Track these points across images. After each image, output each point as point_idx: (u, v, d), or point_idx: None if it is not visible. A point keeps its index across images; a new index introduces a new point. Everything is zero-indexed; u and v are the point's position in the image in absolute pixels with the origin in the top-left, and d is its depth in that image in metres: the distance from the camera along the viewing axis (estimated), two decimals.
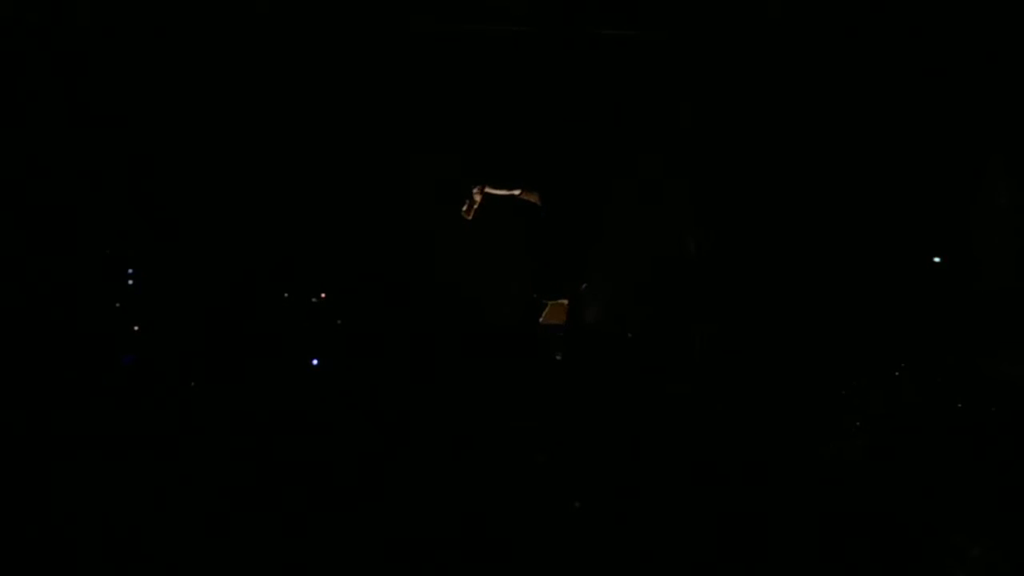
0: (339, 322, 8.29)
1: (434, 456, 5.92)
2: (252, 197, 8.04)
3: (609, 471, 5.74)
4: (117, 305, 7.91)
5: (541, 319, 7.93)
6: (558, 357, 7.79)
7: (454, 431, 6.55)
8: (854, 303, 8.03)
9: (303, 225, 8.22)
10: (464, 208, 7.73)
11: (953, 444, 6.14)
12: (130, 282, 8.00)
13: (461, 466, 5.75)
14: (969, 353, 7.53)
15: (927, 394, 7.08)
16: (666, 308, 8.16)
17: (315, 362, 7.88)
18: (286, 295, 8.26)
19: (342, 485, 5.35)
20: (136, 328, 7.85)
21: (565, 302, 7.80)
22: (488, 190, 7.74)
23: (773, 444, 6.31)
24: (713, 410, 7.19)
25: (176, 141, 7.93)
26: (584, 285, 7.82)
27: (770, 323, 8.00)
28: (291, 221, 8.18)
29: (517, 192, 7.81)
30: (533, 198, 7.80)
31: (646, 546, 4.71)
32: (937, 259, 8.19)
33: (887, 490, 5.35)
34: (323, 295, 8.36)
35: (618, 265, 8.36)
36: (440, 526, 4.83)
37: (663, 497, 5.34)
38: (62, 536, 4.54)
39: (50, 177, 7.65)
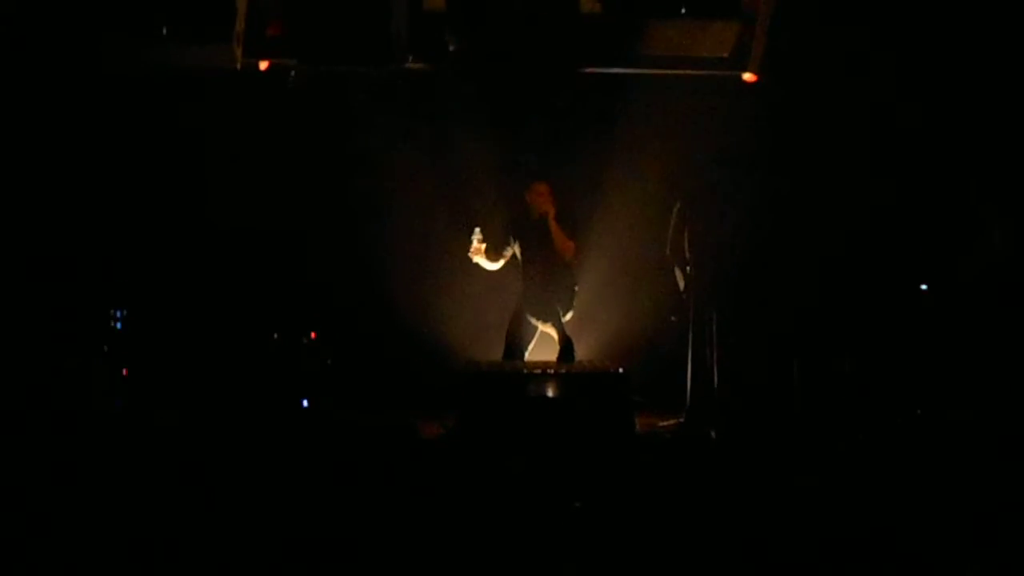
0: (329, 362, 8.25)
1: (434, 458, 5.93)
2: (240, 236, 8.04)
3: (609, 471, 5.75)
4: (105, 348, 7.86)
5: (527, 355, 7.86)
6: (550, 394, 7.70)
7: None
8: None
9: (292, 264, 8.23)
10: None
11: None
12: (117, 324, 7.96)
13: (461, 467, 5.76)
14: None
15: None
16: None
17: (305, 403, 7.83)
18: (275, 335, 8.22)
19: (342, 491, 5.33)
20: (124, 372, 7.80)
21: (555, 335, 7.73)
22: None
23: (780, 453, 6.34)
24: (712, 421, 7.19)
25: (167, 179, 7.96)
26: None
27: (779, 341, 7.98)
28: (280, 259, 8.19)
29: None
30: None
31: (646, 547, 4.70)
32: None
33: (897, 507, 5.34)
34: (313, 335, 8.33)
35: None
36: (439, 526, 4.82)
37: (663, 498, 5.35)
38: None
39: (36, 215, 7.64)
